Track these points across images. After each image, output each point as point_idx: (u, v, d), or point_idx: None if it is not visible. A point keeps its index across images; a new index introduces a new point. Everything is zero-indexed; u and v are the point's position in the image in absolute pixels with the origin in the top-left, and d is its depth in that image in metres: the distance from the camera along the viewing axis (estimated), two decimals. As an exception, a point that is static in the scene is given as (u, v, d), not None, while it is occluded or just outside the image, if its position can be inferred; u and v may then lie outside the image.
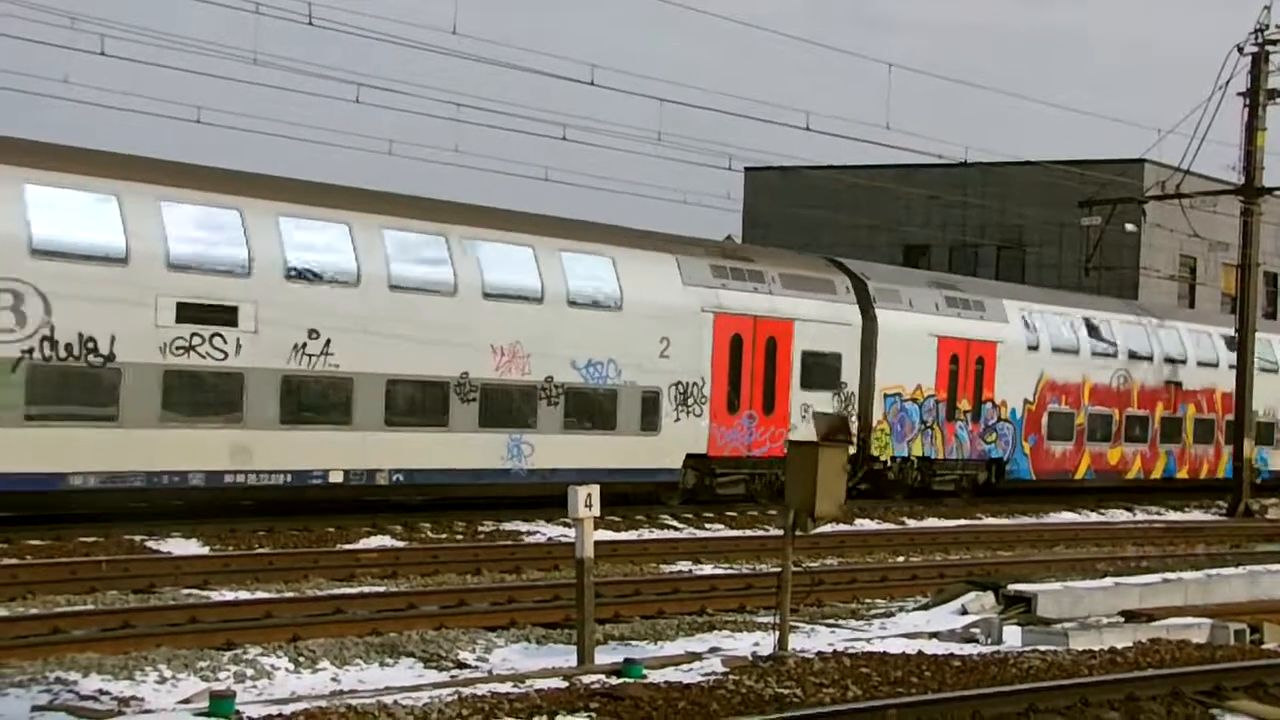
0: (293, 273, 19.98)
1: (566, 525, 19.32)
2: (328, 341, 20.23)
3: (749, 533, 22.41)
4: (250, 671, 11.23)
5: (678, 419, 24.35)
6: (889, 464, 28.26)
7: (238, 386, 19.37)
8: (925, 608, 15.77)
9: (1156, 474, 34.50)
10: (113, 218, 18.33)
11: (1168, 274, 43.71)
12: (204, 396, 19.22)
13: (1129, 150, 38.76)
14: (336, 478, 20.50)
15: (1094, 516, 29.78)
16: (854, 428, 26.33)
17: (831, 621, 15.10)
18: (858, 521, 24.84)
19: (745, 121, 40.87)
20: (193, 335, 19.01)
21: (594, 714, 10.33)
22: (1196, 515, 31.69)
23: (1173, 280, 44.36)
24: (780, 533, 12.94)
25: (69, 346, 17.99)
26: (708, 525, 23.46)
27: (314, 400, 20.21)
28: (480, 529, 21.08)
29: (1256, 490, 33.81)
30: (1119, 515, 30.38)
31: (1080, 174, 38.49)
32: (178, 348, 18.85)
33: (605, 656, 12.12)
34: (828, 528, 21.92)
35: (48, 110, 66.03)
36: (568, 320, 22.82)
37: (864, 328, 27.46)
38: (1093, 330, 32.59)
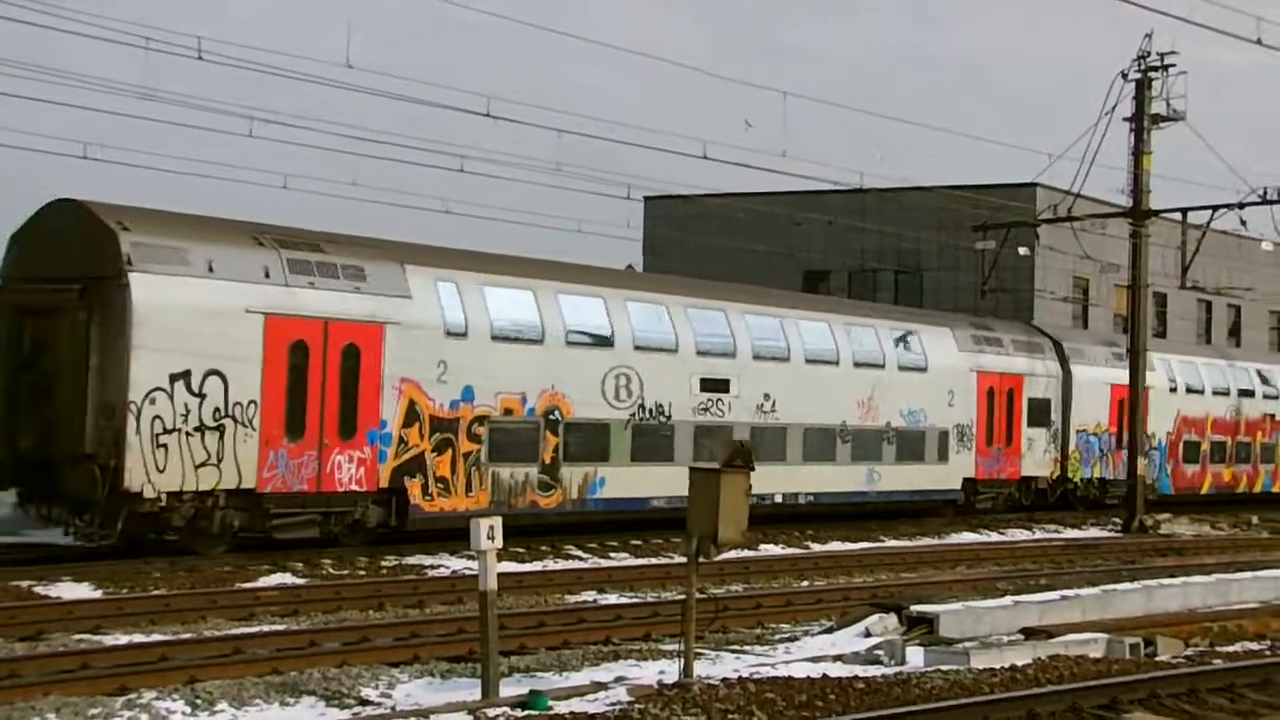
0: (756, 355, 28.01)
1: (470, 558, 19.16)
2: (774, 402, 28.14)
3: (653, 561, 22.39)
4: (145, 717, 10.98)
5: (958, 451, 32.42)
6: (1078, 484, 36.12)
7: (728, 436, 25.61)
8: (830, 631, 15.85)
9: (1257, 488, 42.29)
10: (665, 320, 26.54)
11: (1062, 295, 44.50)
12: (712, 443, 25.61)
13: (1021, 174, 39.46)
14: (777, 499, 28.17)
15: (994, 536, 30.14)
16: (1056, 455, 35.43)
17: (737, 647, 15.10)
18: (762, 546, 24.93)
19: (644, 151, 40.90)
20: (708, 400, 26.98)
21: (498, 748, 10.26)
22: (1094, 532, 32.20)
23: (1066, 302, 45.17)
24: (684, 559, 12.93)
25: (652, 410, 25.93)
26: (612, 554, 23.40)
27: (766, 444, 27.20)
28: (383, 564, 20.85)
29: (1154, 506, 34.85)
30: (1019, 534, 30.78)
31: (974, 198, 39.11)
32: (700, 409, 26.81)
33: (510, 689, 12.02)
34: (733, 554, 22.05)
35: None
36: (897, 381, 30.91)
37: (1063, 379, 35.83)
38: (1211, 374, 40.84)
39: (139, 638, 14.35)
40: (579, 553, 23.21)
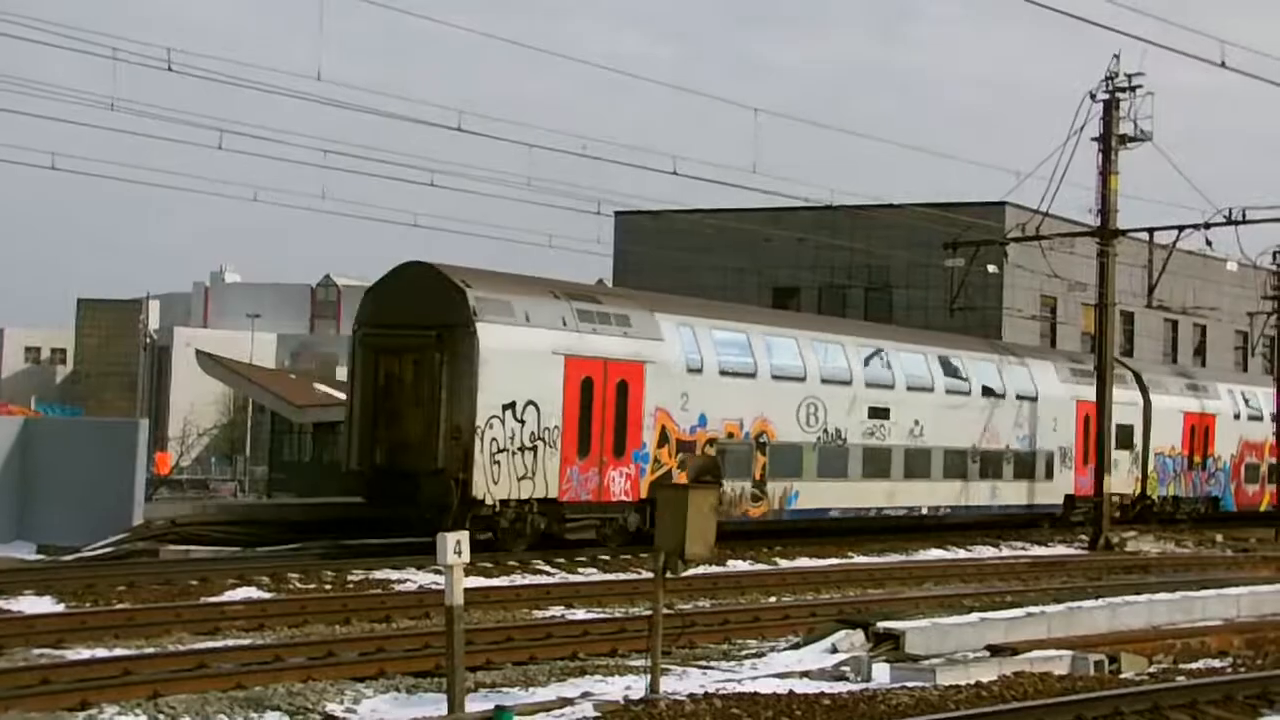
0: (909, 388, 32.03)
1: (438, 573, 19.10)
2: (922, 427, 32.15)
3: (621, 576, 22.36)
4: (107, 731, 10.89)
5: (1061, 471, 36.52)
6: (1155, 500, 40.01)
7: (888, 456, 31.29)
8: (796, 647, 15.84)
9: None
10: (842, 359, 30.75)
11: (1029, 314, 44.75)
12: (875, 462, 31.01)
13: (991, 193, 39.69)
14: (923, 511, 32.59)
15: (962, 553, 30.22)
16: (1138, 474, 39.31)
17: (703, 663, 15.09)
18: (730, 562, 24.93)
19: (615, 166, 41.03)
20: (873, 426, 30.94)
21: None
22: (1060, 550, 32.34)
23: (1034, 320, 45.42)
24: (652, 575, 12.92)
25: (832, 434, 30.06)
26: (580, 570, 23.36)
27: (915, 464, 32.10)
28: (350, 578, 20.76)
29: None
30: (986, 551, 30.88)
31: (944, 216, 39.30)
32: (867, 433, 30.81)
33: (476, 704, 11.98)
34: (701, 569, 22.06)
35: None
36: (1011, 409, 35.20)
37: (1143, 407, 39.60)
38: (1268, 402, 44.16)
39: (101, 652, 14.22)
40: (547, 568, 23.16)
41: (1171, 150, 33.72)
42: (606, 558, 24.40)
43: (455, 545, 12.12)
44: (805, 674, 14.14)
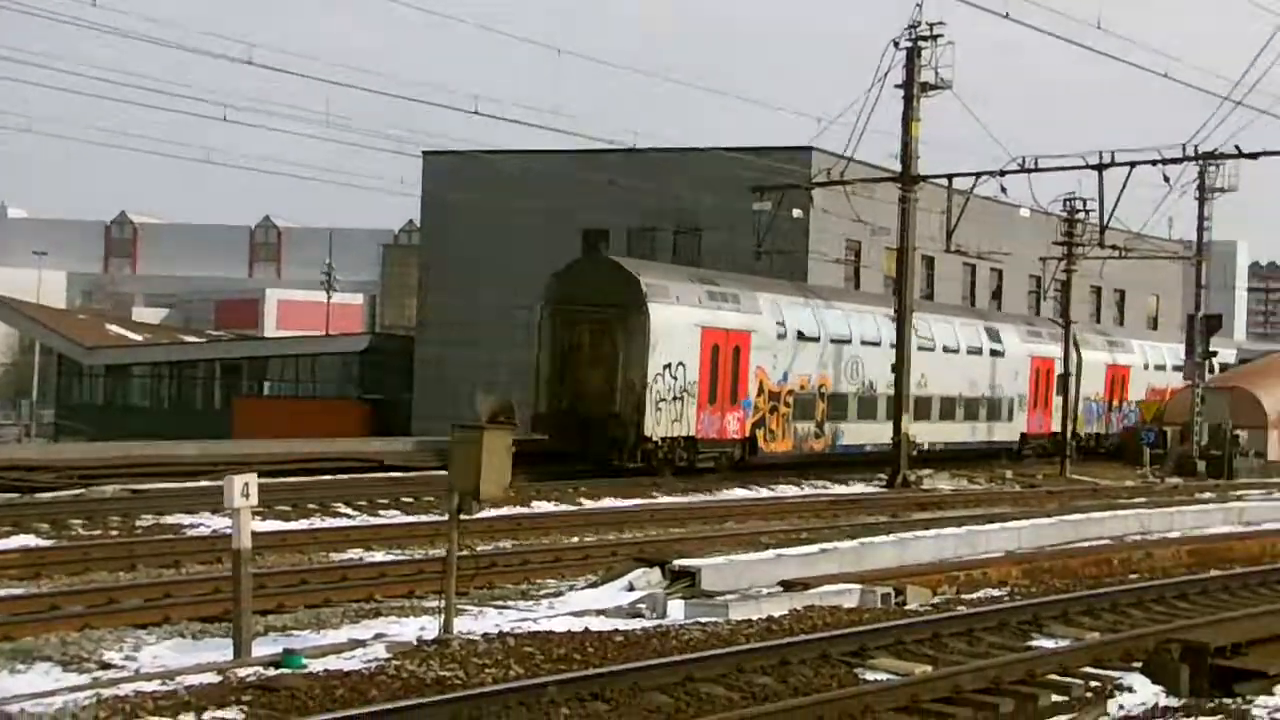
0: (919, 347, 37.08)
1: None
2: (925, 379, 38.47)
3: (423, 518, 22.13)
4: None
5: (1017, 413, 44.07)
6: (1083, 437, 47.07)
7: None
8: (594, 586, 15.90)
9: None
10: (874, 325, 37.85)
11: (834, 258, 45.48)
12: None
13: (800, 138, 40.05)
14: (925, 446, 38.44)
15: (764, 493, 30.68)
16: (1072, 417, 44.32)
17: (501, 603, 15.05)
18: (535, 504, 24.90)
19: (417, 105, 40.24)
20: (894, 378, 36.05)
21: (247, 707, 10.00)
22: (860, 488, 33.10)
23: (839, 263, 46.20)
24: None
25: (868, 386, 37.52)
26: (381, 512, 23.07)
27: (921, 409, 37.93)
28: (138, 524, 20.15)
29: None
30: (789, 491, 31.43)
31: (751, 160, 39.60)
32: (889, 385, 35.86)
33: (265, 648, 11.75)
34: (504, 510, 21.98)
35: None
36: (987, 364, 42.60)
37: (1077, 361, 45.22)
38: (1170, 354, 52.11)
39: None
40: (348, 510, 22.81)
41: (971, 100, 34.49)
42: (409, 500, 24.13)
43: (243, 488, 11.83)
44: (601, 612, 14.22)
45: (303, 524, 21.09)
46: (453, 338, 50.35)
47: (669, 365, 31.54)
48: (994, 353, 43.01)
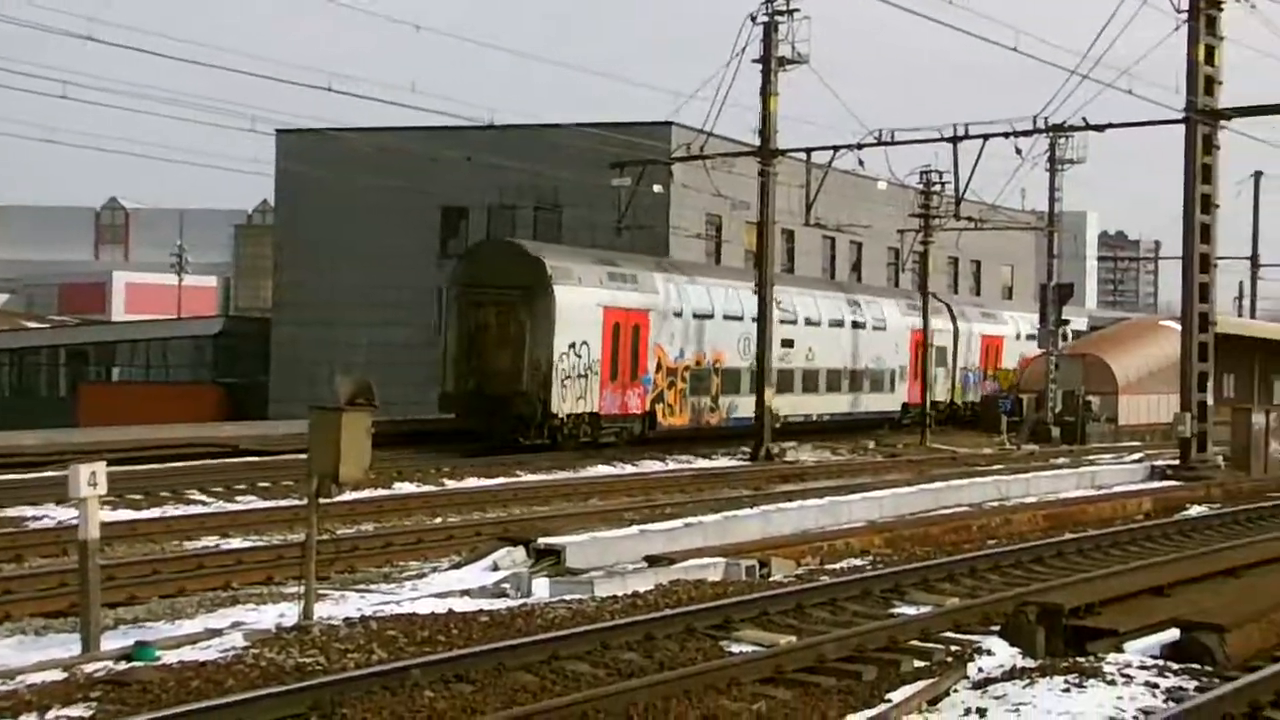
0: (807, 322, 41.09)
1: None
2: (813, 353, 41.29)
3: (282, 503, 21.71)
4: None
5: (899, 384, 45.63)
6: (961, 405, 49.17)
7: (792, 376, 39.99)
8: (458, 566, 15.75)
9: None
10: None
11: (695, 233, 45.59)
12: (785, 382, 38.68)
13: (659, 113, 40.03)
14: (813, 417, 41.06)
15: (628, 469, 30.71)
16: (950, 386, 48.35)
17: (363, 587, 14.82)
18: (396, 485, 24.60)
19: (269, 83, 39.34)
20: (783, 353, 38.81)
21: (96, 704, 9.67)
22: (724, 462, 33.31)
23: (700, 238, 46.33)
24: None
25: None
26: (238, 498, 22.57)
27: (809, 382, 41.02)
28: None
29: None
30: (653, 466, 31.49)
31: (611, 136, 39.49)
32: (780, 359, 37.87)
33: (115, 642, 11.39)
34: (366, 493, 21.67)
35: None
36: (872, 337, 44.43)
37: (954, 333, 49.26)
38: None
39: None
40: (203, 498, 22.28)
41: (829, 75, 34.82)
42: (266, 484, 23.66)
43: (90, 477, 11.43)
44: (465, 592, 14.08)
45: (155, 512, 20.53)
46: (309, 318, 49.52)
47: (573, 344, 32.69)
48: (876, 327, 44.67)
